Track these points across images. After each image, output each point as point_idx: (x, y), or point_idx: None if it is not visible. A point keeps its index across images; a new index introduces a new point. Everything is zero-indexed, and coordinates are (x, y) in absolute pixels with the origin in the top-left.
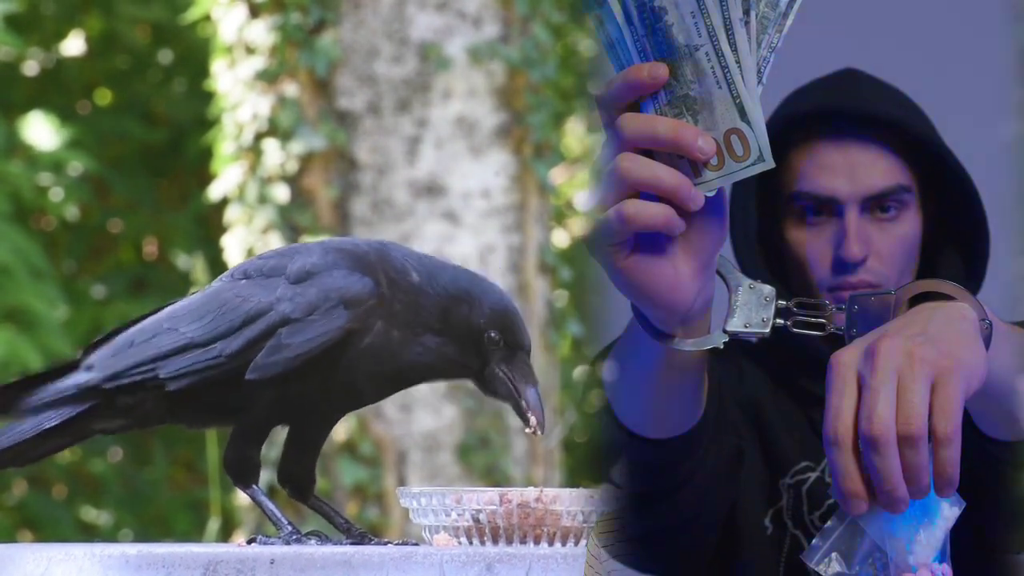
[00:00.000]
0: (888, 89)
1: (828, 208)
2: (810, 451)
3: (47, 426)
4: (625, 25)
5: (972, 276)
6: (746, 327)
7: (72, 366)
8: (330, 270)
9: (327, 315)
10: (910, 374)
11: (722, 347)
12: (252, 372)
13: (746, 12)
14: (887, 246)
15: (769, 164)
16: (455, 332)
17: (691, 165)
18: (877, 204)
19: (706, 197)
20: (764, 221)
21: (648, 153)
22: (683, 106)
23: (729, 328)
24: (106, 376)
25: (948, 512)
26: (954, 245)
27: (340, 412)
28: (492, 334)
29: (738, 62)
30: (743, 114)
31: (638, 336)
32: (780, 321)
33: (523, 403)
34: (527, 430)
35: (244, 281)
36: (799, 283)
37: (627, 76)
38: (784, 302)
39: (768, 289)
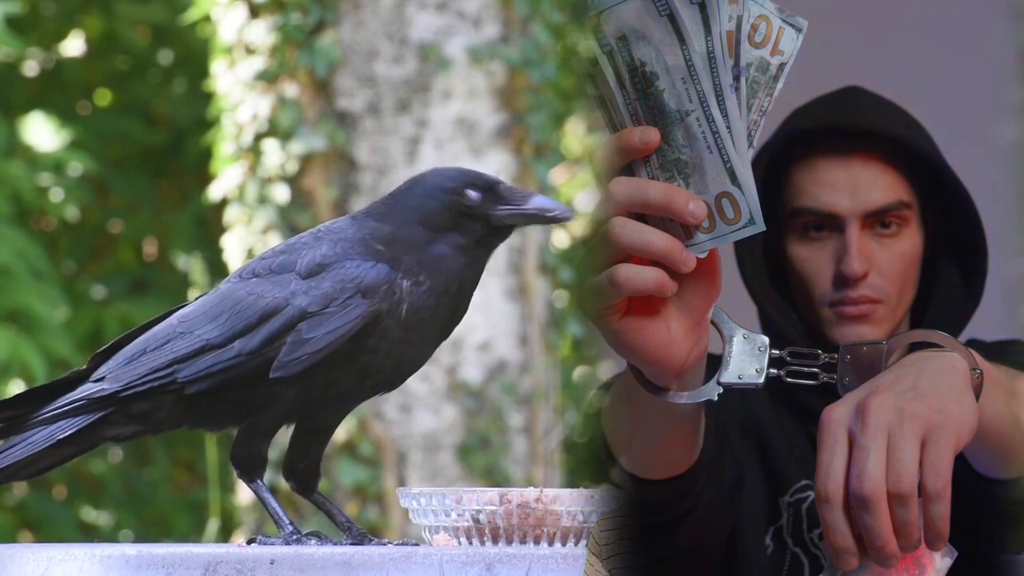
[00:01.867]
0: (889, 106)
1: (830, 224)
2: (810, 469)
3: (60, 436)
4: (617, 88)
5: (971, 293)
6: (740, 378)
7: (76, 379)
8: (342, 261)
9: (344, 306)
10: (900, 431)
11: (716, 399)
12: (276, 371)
13: (736, 78)
14: (888, 262)
15: (760, 227)
16: (443, 226)
17: (683, 227)
18: (878, 220)
19: (698, 258)
20: (767, 237)
21: (641, 216)
22: (675, 169)
23: (723, 380)
24: (122, 385)
25: (940, 563)
26: (953, 261)
27: (383, 388)
28: (469, 193)
29: (728, 127)
30: (734, 178)
31: (633, 386)
32: (774, 371)
33: (540, 211)
34: (561, 220)
35: (255, 279)
36: (801, 298)
37: (619, 140)
38: (777, 351)
39: (762, 339)
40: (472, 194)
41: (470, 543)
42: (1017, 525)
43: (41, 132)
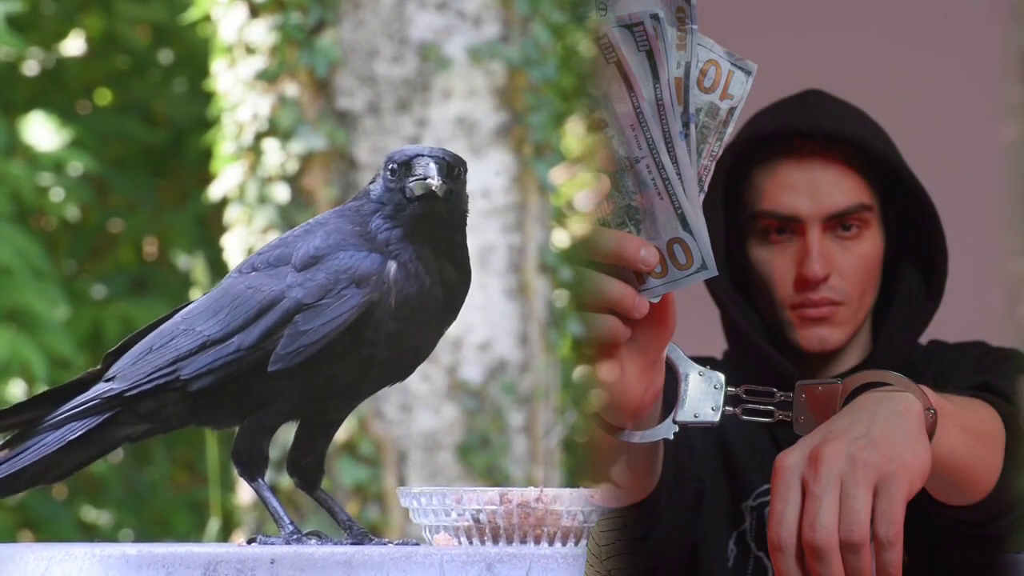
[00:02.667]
0: (849, 109)
1: (791, 227)
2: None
3: (71, 438)
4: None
5: (931, 294)
6: (695, 417)
7: (88, 380)
8: (335, 252)
9: (339, 297)
10: (852, 480)
11: (671, 438)
12: (275, 363)
13: (685, 124)
14: (849, 264)
15: (712, 272)
16: (394, 207)
17: (635, 273)
18: (839, 223)
19: (651, 303)
20: (729, 241)
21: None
22: (626, 216)
23: (679, 419)
24: (129, 385)
25: None
26: (914, 263)
27: (385, 382)
28: (391, 167)
29: (679, 174)
30: (685, 224)
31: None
32: (729, 409)
33: (419, 179)
34: (428, 182)
35: (253, 274)
36: (762, 301)
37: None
38: (733, 389)
39: (718, 376)
40: (392, 167)
41: (470, 543)
42: (983, 547)
43: (41, 132)
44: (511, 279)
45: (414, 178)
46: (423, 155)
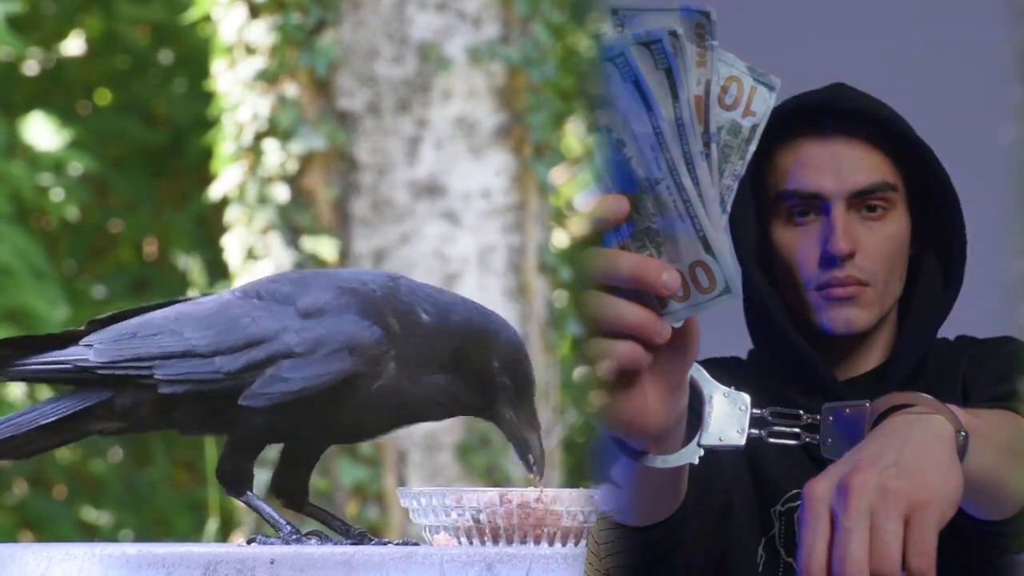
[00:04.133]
0: (873, 97)
1: (815, 207)
2: (801, 477)
3: (43, 423)
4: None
5: (950, 281)
6: (720, 440)
7: (69, 338)
8: (341, 313)
9: (329, 357)
10: (883, 511)
11: (697, 462)
12: (245, 399)
13: (706, 144)
14: (874, 244)
15: (736, 296)
16: (465, 371)
17: (657, 297)
18: (863, 202)
19: (675, 327)
20: (755, 225)
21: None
22: (646, 239)
23: (704, 442)
24: (103, 362)
25: None
26: (935, 250)
27: (337, 442)
28: (504, 379)
29: (700, 195)
30: (707, 247)
31: (613, 448)
32: (755, 431)
33: (528, 451)
34: (530, 475)
35: (256, 301)
36: (787, 285)
37: (591, 210)
38: (759, 411)
39: (744, 397)
40: (506, 381)
41: (470, 543)
42: (1017, 525)
43: (41, 132)
44: (511, 279)
45: (516, 439)
46: (531, 406)
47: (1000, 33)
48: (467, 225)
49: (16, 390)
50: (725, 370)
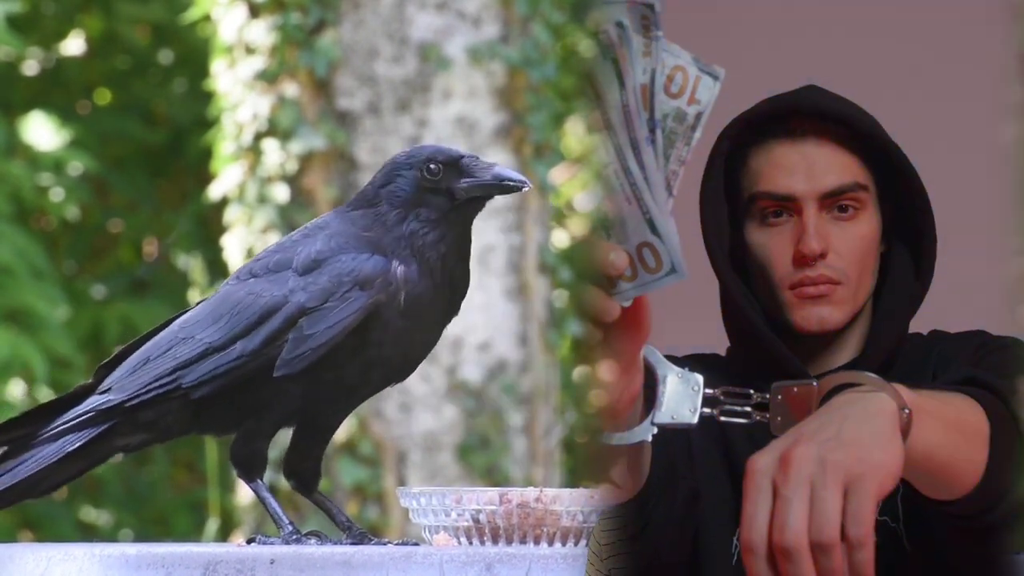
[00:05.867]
0: (844, 99)
1: (787, 208)
2: None
3: (69, 449)
4: None
5: (920, 276)
6: (673, 419)
7: (82, 393)
8: (337, 255)
9: (344, 299)
10: (822, 481)
11: (650, 439)
12: (280, 368)
13: (652, 131)
14: (846, 244)
15: (682, 276)
16: (413, 203)
17: (607, 277)
18: (835, 203)
19: (623, 306)
20: (729, 226)
21: None
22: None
23: (657, 420)
24: (127, 395)
25: None
26: (905, 246)
27: (392, 381)
28: (430, 167)
29: (646, 178)
30: (653, 228)
31: None
32: (707, 410)
33: (502, 180)
34: (520, 187)
35: (252, 280)
36: (761, 286)
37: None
38: (711, 391)
39: (696, 378)
40: (432, 167)
41: (470, 543)
42: (977, 541)
43: (41, 132)
44: (511, 279)
45: (478, 181)
46: (467, 156)
47: (1000, 33)
48: None
49: (15, 389)
50: (705, 366)
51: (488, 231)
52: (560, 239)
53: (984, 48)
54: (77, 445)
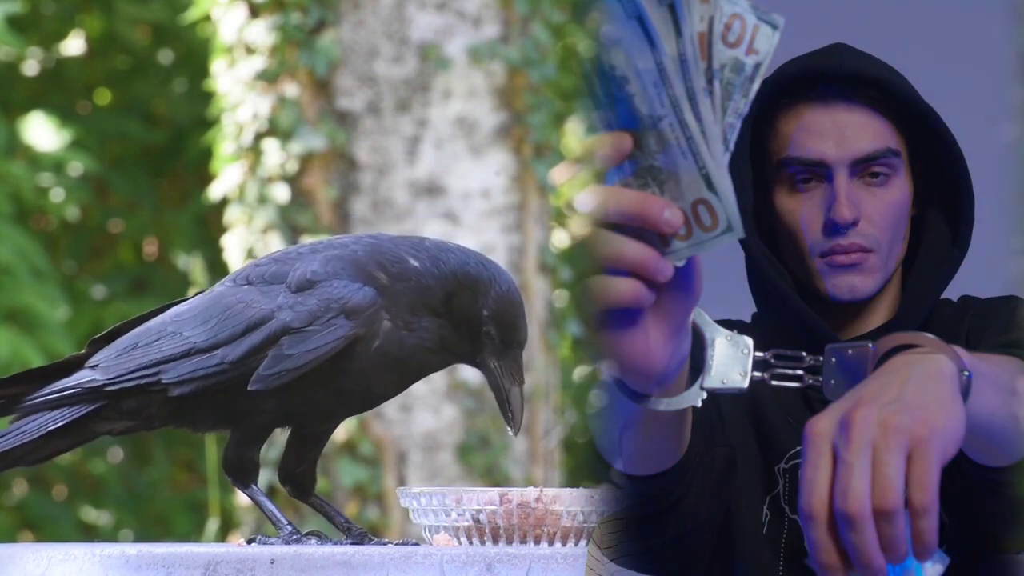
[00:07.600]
0: (874, 58)
1: (818, 174)
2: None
3: (51, 427)
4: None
5: (957, 242)
6: (723, 383)
7: (74, 363)
8: (330, 279)
9: (328, 325)
10: (885, 446)
11: (699, 405)
12: (255, 383)
13: (709, 81)
14: (878, 211)
15: (739, 234)
16: (455, 317)
17: (660, 235)
18: (866, 169)
19: (676, 266)
20: (755, 196)
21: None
22: (649, 176)
23: (706, 385)
24: (110, 378)
25: (931, 570)
26: (941, 211)
27: (350, 412)
28: (490, 330)
29: (703, 132)
30: (709, 184)
31: (616, 392)
32: (758, 374)
33: (507, 402)
34: (508, 428)
35: (247, 287)
36: (790, 254)
37: (592, 148)
38: (761, 354)
39: (746, 340)
40: (492, 332)
41: (470, 543)
42: (1017, 525)
43: (41, 132)
44: None
45: (496, 383)
46: (518, 345)
47: (1000, 33)
48: (467, 225)
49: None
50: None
51: (488, 231)
52: (560, 239)
53: (984, 48)
54: (59, 424)
